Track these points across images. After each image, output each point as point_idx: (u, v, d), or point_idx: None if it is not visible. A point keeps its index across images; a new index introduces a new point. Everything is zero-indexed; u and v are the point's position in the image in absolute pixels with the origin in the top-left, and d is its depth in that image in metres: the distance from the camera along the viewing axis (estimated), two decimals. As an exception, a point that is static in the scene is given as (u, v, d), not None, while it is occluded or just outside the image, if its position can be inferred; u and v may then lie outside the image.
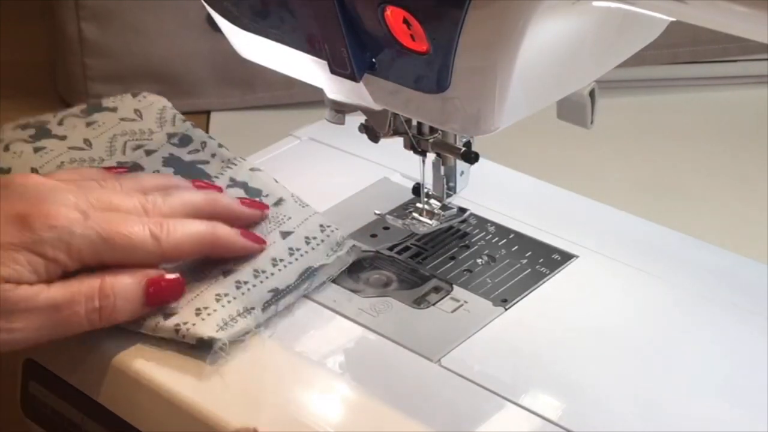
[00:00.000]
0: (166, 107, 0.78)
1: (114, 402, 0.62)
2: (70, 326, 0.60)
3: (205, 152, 0.74)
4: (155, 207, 0.64)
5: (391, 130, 0.66)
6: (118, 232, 0.61)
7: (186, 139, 0.75)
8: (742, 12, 0.48)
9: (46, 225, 0.59)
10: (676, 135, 1.08)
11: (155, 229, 0.62)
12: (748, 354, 0.62)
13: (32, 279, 0.59)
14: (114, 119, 0.76)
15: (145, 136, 0.75)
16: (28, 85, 1.14)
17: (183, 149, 0.74)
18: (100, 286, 0.60)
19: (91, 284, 0.60)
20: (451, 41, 0.52)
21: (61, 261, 0.59)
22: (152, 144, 0.74)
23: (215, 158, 0.74)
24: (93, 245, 0.60)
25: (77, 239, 0.60)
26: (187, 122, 0.77)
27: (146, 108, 0.77)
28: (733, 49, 1.14)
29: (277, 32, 0.61)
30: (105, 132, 0.75)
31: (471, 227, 0.72)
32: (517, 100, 0.55)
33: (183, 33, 1.08)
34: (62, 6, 1.07)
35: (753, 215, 0.93)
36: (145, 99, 0.78)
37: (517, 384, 0.59)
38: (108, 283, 0.60)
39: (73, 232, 0.59)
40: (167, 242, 0.62)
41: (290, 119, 1.03)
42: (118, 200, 0.63)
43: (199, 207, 0.66)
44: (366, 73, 0.57)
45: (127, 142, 0.74)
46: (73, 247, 0.59)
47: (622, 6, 0.54)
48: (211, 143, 0.75)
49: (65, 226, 0.59)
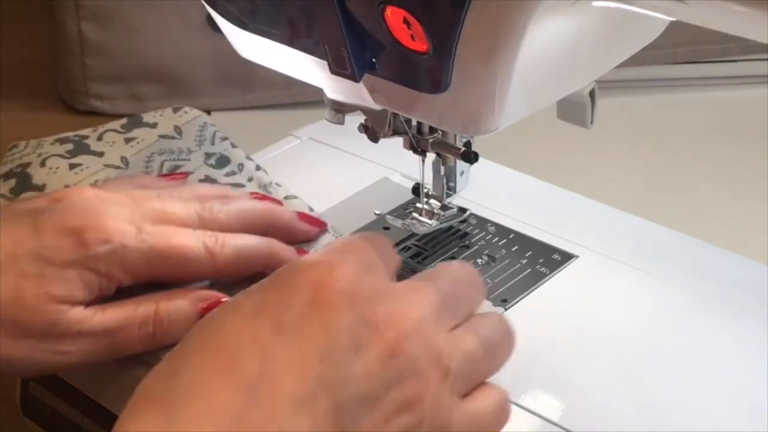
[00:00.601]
0: (206, 123, 0.77)
1: (114, 402, 0.62)
2: (122, 350, 0.59)
3: (242, 175, 0.73)
4: (212, 215, 0.63)
5: (391, 130, 0.65)
6: (170, 245, 0.60)
7: (223, 160, 0.74)
8: (742, 12, 0.48)
9: (99, 239, 0.58)
10: (675, 135, 1.08)
11: (210, 242, 0.61)
12: (748, 354, 0.62)
13: (86, 297, 0.58)
14: (153, 136, 0.75)
15: (183, 155, 0.74)
16: (28, 85, 1.15)
17: (220, 171, 0.73)
18: (155, 311, 0.59)
19: (146, 309, 0.59)
20: (451, 41, 0.52)
21: (115, 276, 0.58)
22: (189, 165, 0.73)
23: (252, 182, 0.73)
24: (146, 259, 0.59)
25: (130, 253, 0.58)
26: (226, 141, 0.76)
27: (186, 124, 0.76)
28: (733, 49, 1.14)
29: (277, 32, 0.61)
30: (143, 150, 0.74)
31: (471, 227, 0.72)
32: (517, 100, 0.55)
33: (183, 33, 1.08)
34: (62, 6, 1.07)
35: (753, 215, 0.93)
36: (186, 114, 0.77)
37: (517, 384, 0.59)
38: (163, 309, 0.59)
39: (126, 246, 0.58)
40: (222, 255, 0.61)
41: (290, 119, 1.03)
42: (173, 209, 0.62)
43: (258, 217, 0.64)
44: (366, 73, 0.57)
45: (165, 162, 0.73)
46: (126, 262, 0.58)
47: (622, 6, 0.54)
48: (248, 165, 0.74)
49: (118, 240, 0.58)
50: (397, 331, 0.49)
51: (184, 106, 0.78)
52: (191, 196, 0.64)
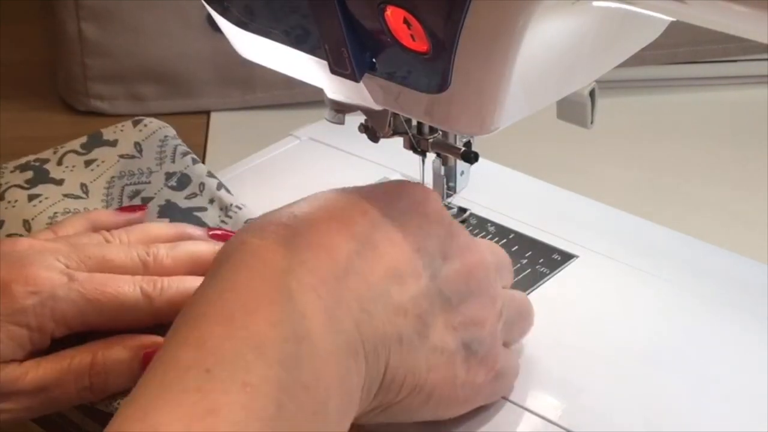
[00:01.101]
0: (167, 137, 0.75)
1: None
2: (60, 404, 0.58)
3: (203, 196, 0.72)
4: (156, 260, 0.61)
5: (391, 130, 0.65)
6: (104, 292, 0.58)
7: (184, 180, 0.73)
8: (742, 12, 0.48)
9: (26, 292, 0.56)
10: (675, 135, 1.08)
11: (147, 288, 0.59)
12: (748, 353, 0.62)
13: (18, 354, 0.56)
14: (113, 157, 0.74)
15: (143, 177, 0.73)
16: (28, 85, 1.14)
17: (180, 193, 0.72)
18: (91, 363, 0.57)
19: (81, 361, 0.57)
20: (451, 41, 0.52)
21: (47, 329, 0.57)
22: (150, 188, 0.72)
23: (213, 204, 0.71)
24: (78, 309, 0.57)
25: (61, 303, 0.57)
26: (187, 156, 0.74)
27: (146, 139, 0.75)
28: (733, 49, 1.14)
29: (277, 32, 0.61)
30: (103, 174, 0.73)
31: (471, 227, 0.72)
32: (517, 100, 0.55)
33: (183, 33, 1.08)
34: (62, 6, 1.07)
35: (753, 215, 0.93)
36: (146, 128, 0.75)
37: (517, 384, 0.59)
38: (99, 360, 0.57)
39: (56, 296, 0.57)
40: (160, 300, 0.59)
41: (290, 119, 1.03)
42: (113, 255, 0.60)
43: (206, 260, 0.61)
44: (366, 73, 0.57)
45: (125, 187, 0.72)
46: (57, 312, 0.57)
47: (622, 6, 0.54)
48: (209, 184, 0.72)
49: (47, 290, 0.56)
50: (474, 259, 0.55)
51: (145, 118, 0.76)
52: (139, 239, 0.63)
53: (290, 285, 0.48)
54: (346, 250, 0.51)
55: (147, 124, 0.76)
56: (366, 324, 0.50)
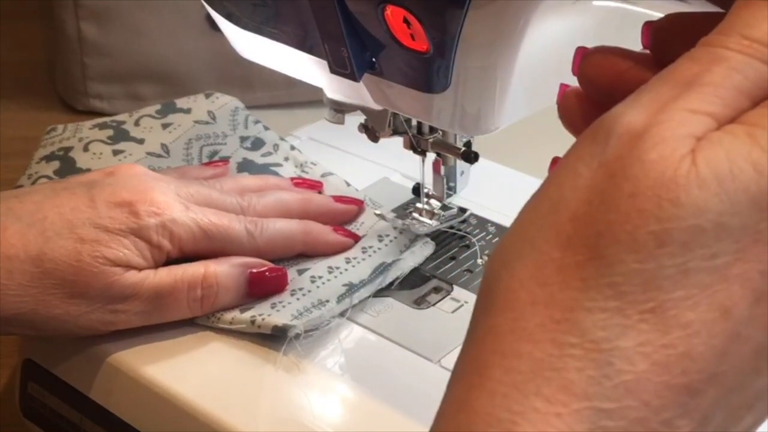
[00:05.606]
0: (238, 108, 0.79)
1: (113, 402, 0.62)
2: (170, 313, 0.62)
3: (278, 155, 0.76)
4: (250, 206, 0.66)
5: (391, 129, 0.65)
6: (215, 224, 0.63)
7: (258, 143, 0.76)
8: (743, 12, 0.48)
9: (150, 212, 0.61)
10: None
11: (250, 226, 0.64)
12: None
13: (140, 263, 0.61)
14: (188, 122, 0.77)
15: (219, 139, 0.76)
16: (28, 85, 1.14)
17: (256, 152, 0.75)
18: (203, 274, 0.62)
19: (195, 272, 0.62)
20: (451, 41, 0.52)
21: (165, 247, 0.61)
22: (226, 149, 0.75)
23: (288, 161, 0.75)
24: (192, 235, 0.62)
25: (179, 228, 0.62)
26: (259, 123, 0.78)
27: (219, 109, 0.78)
28: (734, 49, 1.13)
29: (277, 32, 0.61)
30: (181, 135, 0.76)
31: (471, 227, 0.72)
32: (517, 100, 0.55)
33: (183, 33, 1.08)
34: (61, 6, 1.07)
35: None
36: (218, 100, 0.79)
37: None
38: (212, 272, 0.62)
39: (175, 221, 0.61)
40: (261, 238, 0.64)
41: (290, 119, 1.03)
42: (215, 197, 0.65)
43: (293, 206, 0.68)
44: (366, 72, 0.57)
45: (203, 147, 0.75)
46: (174, 235, 0.61)
47: (622, 6, 0.54)
48: (283, 146, 0.76)
49: (168, 214, 0.61)
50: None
51: (215, 92, 0.80)
52: (232, 189, 0.67)
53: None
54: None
55: (219, 97, 0.80)
56: None
